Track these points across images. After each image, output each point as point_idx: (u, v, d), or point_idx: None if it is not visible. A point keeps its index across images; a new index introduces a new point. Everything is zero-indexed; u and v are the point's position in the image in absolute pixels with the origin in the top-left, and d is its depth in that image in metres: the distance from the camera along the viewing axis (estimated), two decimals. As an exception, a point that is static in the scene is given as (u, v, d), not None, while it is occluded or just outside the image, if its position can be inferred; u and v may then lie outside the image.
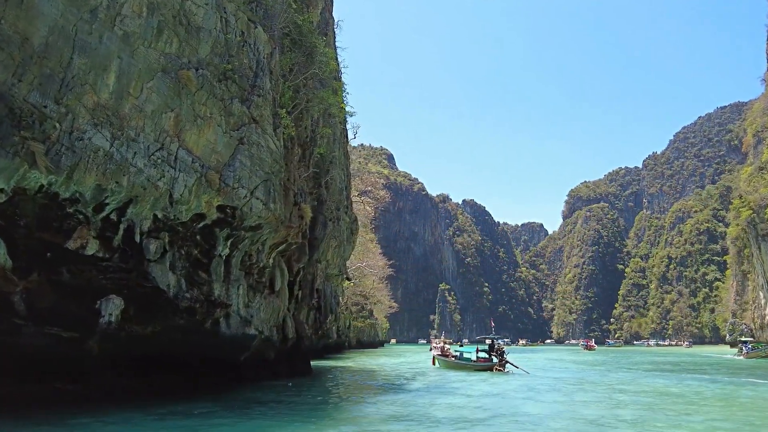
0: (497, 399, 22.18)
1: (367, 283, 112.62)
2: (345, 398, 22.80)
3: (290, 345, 30.37)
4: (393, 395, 24.28)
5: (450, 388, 27.15)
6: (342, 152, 40.94)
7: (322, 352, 64.42)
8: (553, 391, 25.27)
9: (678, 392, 25.17)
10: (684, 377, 34.74)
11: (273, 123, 22.57)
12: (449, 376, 34.46)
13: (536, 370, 41.34)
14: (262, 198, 20.59)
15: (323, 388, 26.76)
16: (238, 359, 23.77)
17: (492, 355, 38.16)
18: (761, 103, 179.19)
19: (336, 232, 35.25)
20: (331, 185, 36.26)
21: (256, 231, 21.26)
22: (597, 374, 38.25)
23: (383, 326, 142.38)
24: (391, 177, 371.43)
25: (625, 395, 23.87)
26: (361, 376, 34.90)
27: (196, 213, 19.23)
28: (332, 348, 71.98)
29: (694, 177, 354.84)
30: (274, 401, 21.15)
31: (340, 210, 37.13)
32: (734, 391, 25.82)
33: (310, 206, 33.49)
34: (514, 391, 25.31)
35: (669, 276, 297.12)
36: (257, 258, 22.26)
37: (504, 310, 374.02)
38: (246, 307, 22.10)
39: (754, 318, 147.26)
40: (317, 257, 33.16)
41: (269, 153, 21.44)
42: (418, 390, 26.05)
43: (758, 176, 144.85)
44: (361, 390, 26.71)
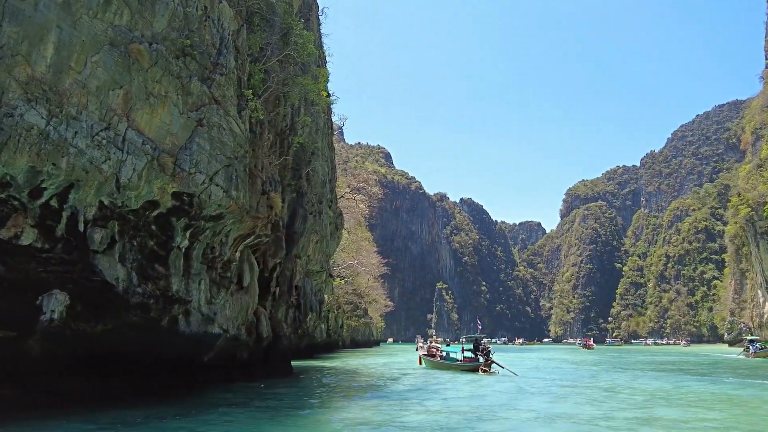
0: (478, 402, 20.58)
1: (360, 281, 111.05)
2: (316, 401, 21.20)
3: (266, 345, 28.72)
4: (368, 398, 22.71)
5: (431, 390, 25.54)
6: (326, 143, 39.29)
7: (311, 352, 62.83)
8: (540, 394, 23.65)
9: (696, 396, 23.48)
10: (689, 379, 32.90)
11: (238, 105, 20.93)
12: (433, 377, 32.85)
13: (528, 371, 39.76)
14: (222, 185, 18.95)
15: (297, 390, 25.15)
16: (201, 360, 22.12)
17: (478, 355, 36.60)
18: (760, 100, 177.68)
19: (317, 226, 33.60)
20: (312, 177, 34.60)
21: (218, 221, 19.61)
22: (591, 375, 36.63)
23: (378, 325, 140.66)
24: (389, 175, 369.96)
25: (619, 400, 22.22)
26: (343, 377, 33.29)
27: (148, 200, 17.58)
28: (322, 348, 70.37)
29: (692, 175, 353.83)
30: (239, 405, 19.57)
31: (323, 203, 35.47)
32: (758, 395, 24.03)
33: (289, 198, 31.92)
34: (498, 393, 23.72)
35: (667, 275, 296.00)
36: (221, 251, 20.61)
37: (502, 309, 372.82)
38: (208, 304, 20.46)
39: (753, 317, 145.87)
40: (296, 252, 31.52)
41: (232, 136, 19.81)
42: (397, 392, 24.45)
43: (757, 174, 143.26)
44: (336, 392, 25.10)
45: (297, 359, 52.37)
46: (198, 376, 23.47)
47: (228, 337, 22.12)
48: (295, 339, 32.46)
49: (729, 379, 31.94)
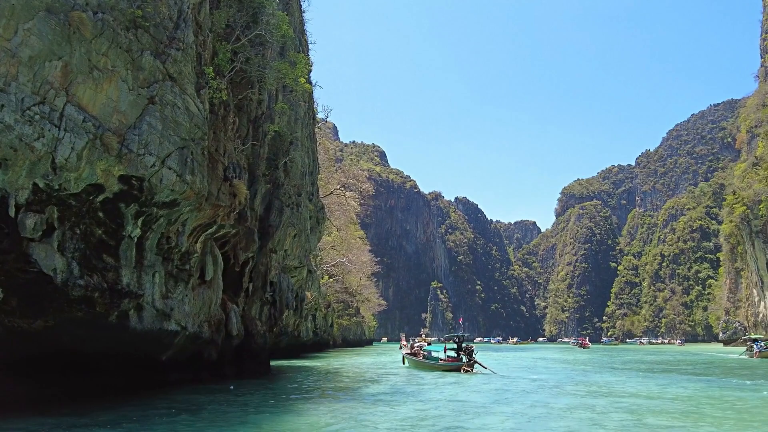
0: (453, 406, 19.04)
1: (352, 280, 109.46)
2: (282, 404, 19.64)
3: (237, 343, 27.14)
4: (341, 400, 21.18)
5: (407, 392, 24.00)
6: (306, 134, 37.69)
7: (297, 352, 61.31)
8: (522, 396, 22.08)
9: (697, 400, 21.91)
10: (688, 380, 31.07)
11: (197, 83, 19.34)
12: (414, 378, 31.30)
13: (516, 371, 38.29)
14: (175, 168, 17.34)
15: (267, 392, 23.57)
16: (158, 359, 20.50)
17: (460, 355, 35.08)
18: (755, 99, 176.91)
19: (295, 219, 31.99)
20: (291, 168, 33.01)
21: (173, 208, 18.00)
22: (582, 375, 35.14)
23: (370, 324, 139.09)
24: (383, 174, 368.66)
25: (609, 404, 20.69)
26: (322, 378, 31.71)
27: (90, 183, 15.95)
28: (310, 347, 68.80)
29: (687, 174, 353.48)
30: (199, 407, 18.01)
31: (302, 196, 33.87)
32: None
33: (265, 190, 30.34)
34: (477, 395, 22.18)
35: (662, 274, 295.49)
36: (177, 241, 19.00)
37: (496, 308, 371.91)
38: (164, 299, 18.85)
39: (748, 315, 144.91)
40: (272, 246, 29.93)
41: (188, 116, 18.21)
42: (372, 394, 22.90)
43: (752, 172, 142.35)
44: (308, 394, 23.52)
45: (281, 359, 50.93)
46: (160, 376, 21.92)
47: (188, 335, 20.50)
48: (271, 338, 30.82)
49: (734, 381, 30.18)
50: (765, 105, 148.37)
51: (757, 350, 67.30)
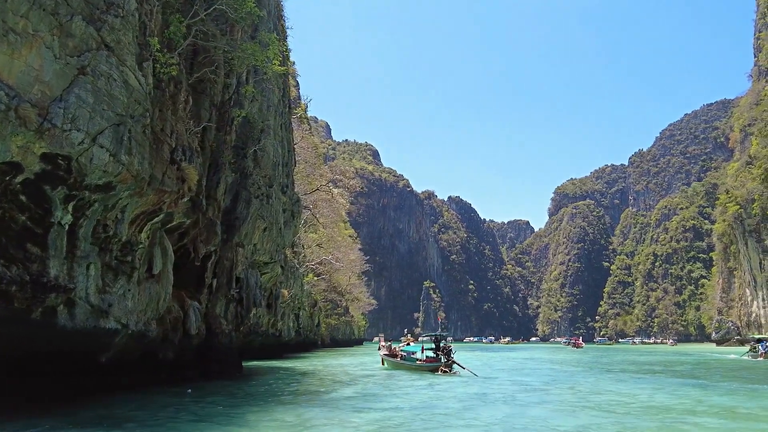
0: (424, 412, 17.20)
1: (340, 279, 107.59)
2: (240, 410, 17.76)
3: (198, 343, 25.22)
4: (301, 405, 19.35)
5: (380, 396, 22.16)
6: (280, 122, 35.71)
7: (280, 352, 59.37)
8: (501, 401, 20.25)
9: (705, 409, 20.00)
10: (688, 384, 28.78)
11: (140, 55, 17.41)
12: (391, 379, 29.42)
13: (500, 372, 36.44)
14: (109, 147, 15.39)
15: (227, 395, 21.68)
16: (97, 361, 18.54)
17: (439, 355, 33.23)
18: (749, 98, 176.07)
19: (265, 211, 30.04)
20: (261, 158, 31.07)
21: (108, 192, 16.05)
22: (570, 377, 33.34)
23: (360, 324, 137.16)
24: (376, 173, 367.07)
25: (596, 411, 18.86)
26: (294, 380, 29.80)
27: (4, 161, 14.03)
28: (293, 347, 66.81)
29: (680, 174, 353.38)
30: (141, 414, 16.15)
31: (274, 187, 31.92)
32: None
33: (232, 179, 28.42)
34: (452, 400, 20.33)
35: (654, 273, 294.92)
36: (116, 229, 17.09)
37: (489, 307, 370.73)
38: (100, 293, 16.91)
39: (741, 315, 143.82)
40: (238, 240, 28.02)
41: (126, 90, 16.27)
42: (338, 399, 21.07)
43: (745, 171, 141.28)
44: (271, 397, 21.64)
45: (262, 359, 49.00)
46: (107, 380, 19.98)
47: (130, 334, 18.54)
48: (239, 337, 28.89)
49: (747, 387, 27.97)
50: (758, 104, 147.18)
51: (763, 351, 62.82)
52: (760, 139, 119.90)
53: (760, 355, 62.28)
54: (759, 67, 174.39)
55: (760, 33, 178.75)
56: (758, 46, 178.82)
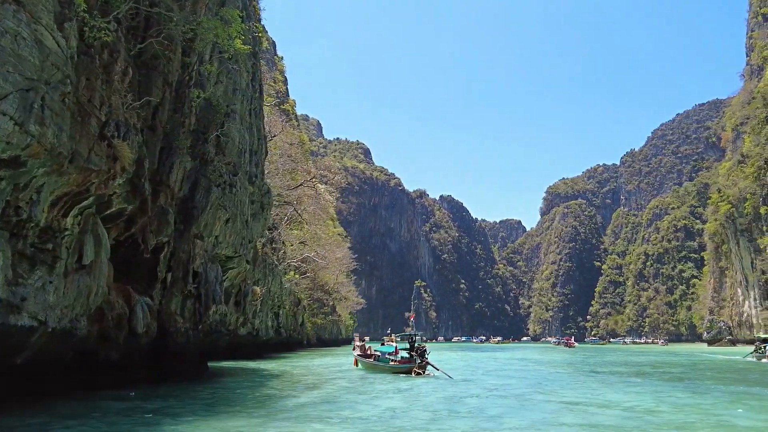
0: (382, 426, 15.12)
1: (328, 277, 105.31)
2: (173, 419, 15.68)
3: (147, 342, 23.07)
4: (253, 414, 17.24)
5: (342, 403, 20.09)
6: (249, 108, 33.53)
7: (260, 352, 57.21)
8: (474, 409, 18.20)
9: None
10: (690, 389, 26.52)
11: (61, 14, 15.27)
12: (361, 382, 27.32)
13: (480, 374, 34.38)
14: (14, 115, 13.23)
15: (173, 400, 19.59)
16: (12, 362, 16.31)
17: (413, 355, 31.19)
18: (741, 97, 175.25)
19: (227, 201, 27.89)
20: (225, 144, 28.96)
21: (17, 169, 13.91)
22: (556, 380, 31.32)
23: (347, 323, 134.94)
24: (367, 171, 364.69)
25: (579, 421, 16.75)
26: (259, 382, 27.65)
27: None
28: (273, 347, 64.59)
29: (672, 174, 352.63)
30: (61, 426, 14.06)
31: (239, 176, 29.77)
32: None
33: (191, 166, 26.25)
34: (421, 408, 18.25)
35: (646, 273, 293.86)
36: (30, 213, 14.95)
37: (480, 307, 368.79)
38: (11, 286, 14.74)
39: (732, 315, 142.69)
40: (197, 231, 25.89)
41: (40, 52, 14.12)
42: (297, 407, 19.02)
43: (737, 169, 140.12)
44: (223, 403, 19.54)
45: (239, 359, 46.87)
46: (32, 385, 17.82)
47: (52, 332, 16.36)
48: (197, 336, 26.73)
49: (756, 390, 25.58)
50: (750, 102, 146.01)
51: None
52: (753, 137, 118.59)
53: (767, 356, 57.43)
54: (751, 66, 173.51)
55: (752, 32, 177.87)
56: (750, 45, 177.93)
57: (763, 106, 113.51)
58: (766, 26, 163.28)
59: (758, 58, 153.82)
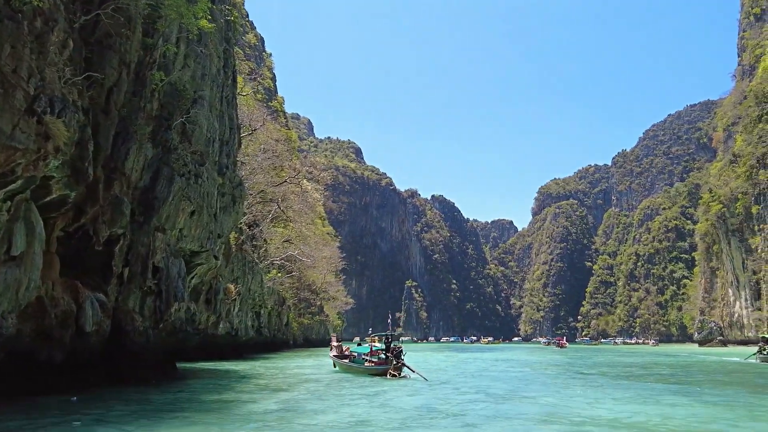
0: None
1: (315, 276, 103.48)
2: (108, 426, 13.98)
3: (98, 342, 21.33)
4: (201, 422, 15.54)
5: (307, 407, 18.43)
6: (219, 95, 31.77)
7: (240, 352, 55.46)
8: (447, 418, 16.57)
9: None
10: (691, 395, 23.84)
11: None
12: (328, 387, 25.54)
13: (461, 377, 32.65)
14: None
15: (123, 404, 17.89)
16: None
17: (389, 356, 29.53)
18: (732, 97, 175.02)
19: (192, 192, 26.13)
20: (192, 132, 27.21)
21: None
22: (542, 384, 29.73)
23: (335, 323, 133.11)
24: (359, 171, 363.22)
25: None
26: (224, 385, 25.89)
27: None
28: (254, 347, 62.78)
29: (663, 175, 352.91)
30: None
31: (206, 166, 28.03)
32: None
33: (152, 154, 24.50)
34: (387, 416, 16.58)
35: (637, 273, 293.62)
36: (-58, 197, 13.27)
37: (472, 307, 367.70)
38: None
39: (723, 316, 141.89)
40: (158, 224, 24.15)
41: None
42: (260, 412, 17.38)
43: (729, 169, 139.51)
44: (172, 410, 17.81)
45: (214, 360, 45.12)
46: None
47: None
48: (159, 335, 24.98)
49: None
50: (741, 102, 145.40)
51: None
52: (745, 136, 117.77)
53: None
54: (743, 66, 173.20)
55: (744, 32, 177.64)
56: (742, 45, 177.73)
57: (755, 104, 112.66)
58: (758, 26, 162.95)
59: (750, 57, 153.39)
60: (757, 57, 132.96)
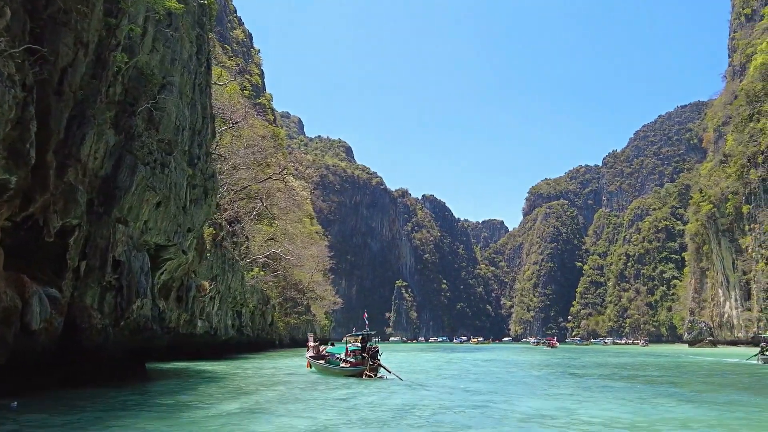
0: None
1: (301, 275, 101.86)
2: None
3: (47, 341, 19.80)
4: (153, 430, 14.10)
5: (271, 413, 17.02)
6: (192, 83, 30.24)
7: (220, 352, 53.97)
8: (418, 426, 15.18)
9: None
10: (695, 400, 22.07)
11: None
12: (303, 388, 24.17)
13: (444, 379, 31.31)
14: None
15: (64, 410, 16.42)
16: None
17: (365, 357, 28.12)
18: (723, 98, 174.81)
19: (158, 182, 24.62)
20: (160, 119, 25.71)
21: None
22: (526, 387, 28.35)
23: (322, 323, 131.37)
24: (349, 170, 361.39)
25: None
26: (190, 387, 24.40)
27: None
28: (234, 347, 61.15)
29: (653, 175, 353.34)
30: None
31: (175, 155, 26.52)
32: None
33: (115, 141, 22.99)
34: (353, 424, 15.18)
35: (627, 273, 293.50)
36: None
37: (462, 307, 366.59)
38: None
39: (713, 316, 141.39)
40: (119, 215, 22.66)
41: None
42: (219, 417, 15.99)
43: (719, 169, 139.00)
44: (122, 415, 16.37)
45: (193, 360, 43.58)
46: None
47: None
48: (118, 333, 23.42)
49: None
50: (732, 103, 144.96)
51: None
52: (736, 135, 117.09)
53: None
54: (733, 67, 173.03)
55: (735, 33, 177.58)
56: (733, 46, 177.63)
57: (746, 103, 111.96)
58: (749, 26, 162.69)
59: (741, 57, 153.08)
60: (748, 56, 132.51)
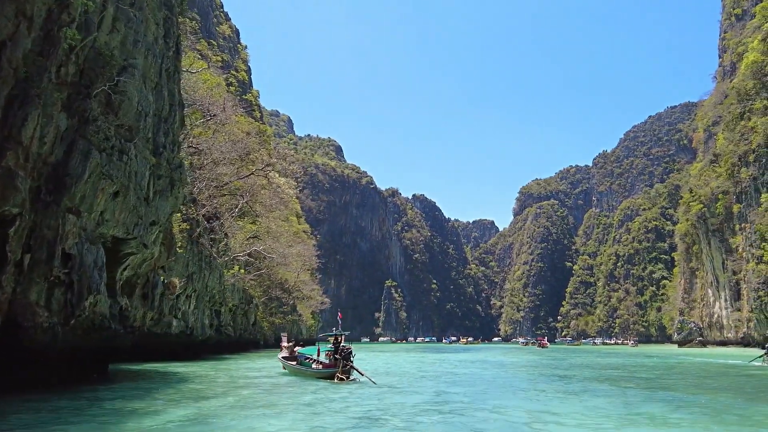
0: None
1: (287, 274, 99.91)
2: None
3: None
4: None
5: (224, 422, 15.28)
6: (158, 67, 28.46)
7: (198, 352, 52.24)
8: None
9: None
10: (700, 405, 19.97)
11: None
12: (269, 390, 22.50)
13: (424, 380, 29.69)
14: None
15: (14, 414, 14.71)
16: None
17: (336, 358, 26.49)
18: (713, 98, 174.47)
19: (115, 170, 22.83)
20: (120, 103, 23.93)
21: None
22: (511, 390, 26.75)
23: (309, 323, 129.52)
24: (339, 169, 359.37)
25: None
26: (146, 390, 22.61)
27: None
28: (213, 347, 59.30)
29: (643, 175, 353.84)
30: None
31: (135, 142, 24.75)
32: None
33: (67, 125, 21.22)
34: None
35: (616, 274, 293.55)
36: None
37: (452, 307, 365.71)
38: None
39: (703, 316, 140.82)
40: (70, 204, 20.91)
41: None
42: (165, 425, 14.22)
43: (709, 169, 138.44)
44: (52, 424, 14.63)
45: (167, 361, 41.82)
46: None
47: None
48: (68, 333, 21.63)
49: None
50: (722, 103, 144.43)
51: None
52: (727, 134, 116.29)
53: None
54: (723, 67, 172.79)
55: (725, 33, 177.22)
56: (723, 46, 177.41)
57: (737, 102, 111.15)
58: (739, 26, 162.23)
59: (732, 56, 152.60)
60: (739, 55, 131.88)
